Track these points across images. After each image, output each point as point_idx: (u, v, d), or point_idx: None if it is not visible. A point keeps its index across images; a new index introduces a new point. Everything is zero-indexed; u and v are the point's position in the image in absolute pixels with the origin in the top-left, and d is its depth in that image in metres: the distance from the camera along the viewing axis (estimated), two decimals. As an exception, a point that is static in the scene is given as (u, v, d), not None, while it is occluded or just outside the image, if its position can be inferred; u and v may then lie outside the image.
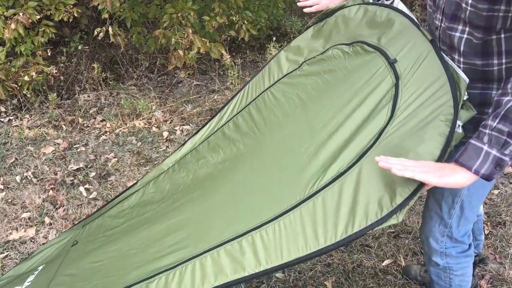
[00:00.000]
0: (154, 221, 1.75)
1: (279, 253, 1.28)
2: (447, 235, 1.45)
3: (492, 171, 1.01)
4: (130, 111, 3.65)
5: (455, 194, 1.39)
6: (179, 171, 1.91)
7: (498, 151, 0.99)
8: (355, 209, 1.19)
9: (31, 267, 1.94)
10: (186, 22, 3.59)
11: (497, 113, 1.00)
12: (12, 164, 3.05)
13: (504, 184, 2.62)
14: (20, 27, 3.24)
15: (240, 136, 1.76)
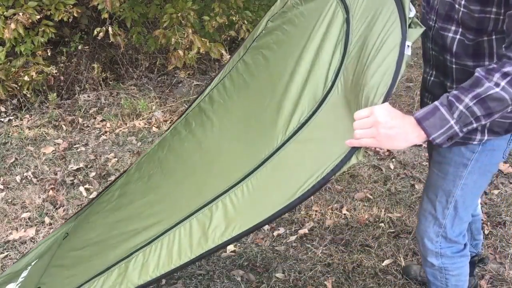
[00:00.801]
0: (131, 200, 1.73)
1: (250, 213, 1.23)
2: (442, 235, 1.46)
3: (444, 143, 1.03)
4: (130, 111, 3.65)
5: (449, 194, 1.39)
6: (157, 150, 1.89)
7: (459, 128, 1.02)
8: (318, 158, 1.16)
9: (26, 263, 1.94)
10: (186, 22, 3.59)
11: (477, 94, 1.00)
12: (12, 164, 3.05)
13: (504, 184, 2.62)
14: (20, 27, 3.24)
15: (211, 105, 1.75)
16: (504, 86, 0.99)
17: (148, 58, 4.44)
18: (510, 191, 2.56)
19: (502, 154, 1.35)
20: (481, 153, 1.31)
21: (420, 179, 2.70)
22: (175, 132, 1.87)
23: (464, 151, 1.31)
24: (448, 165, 1.36)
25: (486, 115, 1.01)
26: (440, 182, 1.40)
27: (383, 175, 2.74)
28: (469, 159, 1.33)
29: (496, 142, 1.30)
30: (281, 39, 1.54)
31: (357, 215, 2.42)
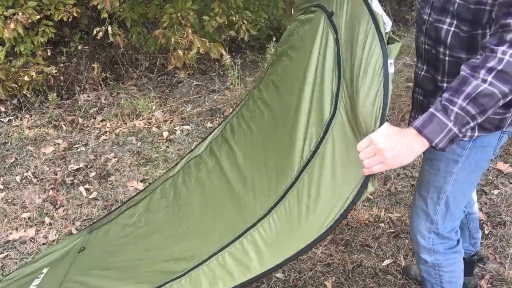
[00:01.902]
0: (161, 229, 1.77)
1: (278, 248, 1.28)
2: (434, 232, 1.47)
3: (447, 146, 1.04)
4: (130, 111, 3.65)
5: (440, 190, 1.40)
6: (183, 176, 1.93)
7: (458, 129, 1.03)
8: (335, 189, 1.20)
9: (36, 269, 1.94)
10: (185, 22, 3.59)
11: (468, 94, 1.02)
12: (12, 164, 3.05)
13: (504, 184, 2.62)
14: (19, 27, 3.24)
15: (233, 135, 1.79)
16: (491, 81, 1.00)
17: (148, 58, 4.44)
18: (510, 191, 2.56)
19: (493, 150, 1.36)
20: (471, 149, 1.32)
21: (420, 179, 2.70)
22: (200, 161, 1.91)
23: (455, 147, 1.32)
24: (439, 161, 1.37)
25: (481, 112, 1.03)
26: (431, 178, 1.41)
27: (383, 175, 2.74)
28: (460, 156, 1.34)
29: (486, 139, 1.31)
30: (286, 65, 1.57)
31: (357, 215, 2.42)
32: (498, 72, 1.00)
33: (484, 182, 2.64)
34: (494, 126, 1.27)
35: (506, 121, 1.27)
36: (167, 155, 3.11)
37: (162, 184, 2.01)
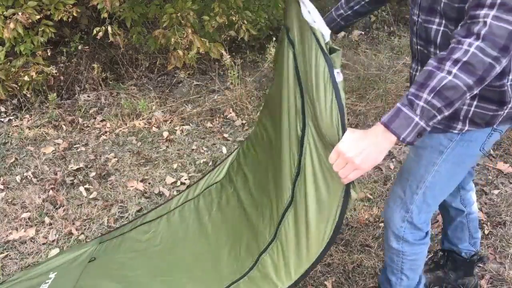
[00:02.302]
0: (180, 251, 1.84)
1: (288, 271, 1.37)
2: (407, 220, 1.47)
3: (415, 139, 1.05)
4: (130, 111, 3.65)
5: (420, 179, 1.40)
6: (205, 202, 2.02)
7: (425, 123, 1.04)
8: (323, 203, 1.25)
9: (41, 272, 1.95)
10: (185, 22, 3.59)
11: (433, 88, 1.02)
12: (12, 164, 3.05)
13: (504, 184, 2.62)
14: (19, 27, 3.24)
15: (245, 159, 1.88)
16: (455, 73, 1.01)
17: (148, 58, 4.44)
18: (510, 191, 2.56)
19: (480, 146, 1.35)
20: (458, 142, 1.32)
21: (420, 179, 2.70)
22: (222, 188, 1.97)
23: (443, 138, 1.32)
24: (424, 149, 1.37)
25: (447, 105, 1.03)
26: (413, 165, 1.41)
27: (383, 175, 2.74)
28: (446, 147, 1.34)
29: (475, 133, 1.31)
30: (275, 82, 1.61)
31: (357, 215, 2.42)
32: (463, 64, 1.00)
33: (484, 182, 2.64)
34: (485, 122, 1.27)
35: (497, 118, 1.27)
36: (167, 155, 3.11)
37: (181, 207, 2.07)
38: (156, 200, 2.64)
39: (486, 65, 1.00)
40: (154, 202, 2.61)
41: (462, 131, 1.29)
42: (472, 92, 1.03)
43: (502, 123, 1.29)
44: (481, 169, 2.77)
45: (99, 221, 2.49)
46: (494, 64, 1.00)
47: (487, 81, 1.02)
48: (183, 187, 2.75)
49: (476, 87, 1.02)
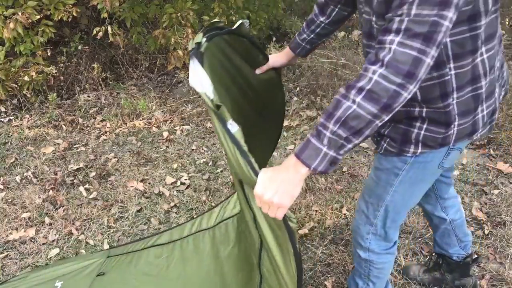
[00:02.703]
0: (190, 285, 1.89)
1: None
2: (372, 233, 1.50)
3: (327, 168, 1.05)
4: (130, 111, 3.65)
5: (380, 198, 1.43)
6: (220, 235, 2.08)
7: (335, 152, 1.03)
8: (278, 240, 1.26)
9: (47, 279, 1.97)
10: (185, 22, 3.59)
11: (338, 118, 1.01)
12: (12, 164, 3.05)
13: (504, 184, 2.62)
14: (19, 27, 3.24)
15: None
16: (359, 102, 0.99)
17: (148, 58, 4.44)
18: (510, 191, 2.56)
19: (438, 165, 1.35)
20: (412, 164, 1.33)
21: (420, 179, 2.70)
22: (237, 223, 2.05)
23: (396, 160, 1.33)
24: (381, 171, 1.39)
25: (354, 134, 1.02)
26: (373, 185, 1.44)
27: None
28: (401, 169, 1.35)
29: (430, 155, 1.31)
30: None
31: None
32: (367, 92, 0.99)
33: (484, 182, 2.64)
34: (438, 144, 1.26)
35: (449, 138, 1.25)
36: (167, 155, 3.11)
37: (195, 235, 2.11)
38: (156, 200, 2.65)
39: (390, 92, 0.98)
40: (154, 202, 2.61)
41: (416, 153, 1.29)
42: (382, 119, 1.01)
43: (457, 141, 1.27)
44: (481, 169, 2.77)
45: (99, 221, 2.49)
46: (400, 91, 0.98)
47: (394, 108, 1.00)
48: (183, 187, 2.75)
49: (384, 115, 1.01)
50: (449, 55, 1.14)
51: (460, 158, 2.88)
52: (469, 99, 1.20)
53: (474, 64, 1.16)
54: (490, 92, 1.25)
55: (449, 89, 1.18)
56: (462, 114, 1.21)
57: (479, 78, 1.19)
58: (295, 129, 3.37)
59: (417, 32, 0.96)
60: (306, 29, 1.61)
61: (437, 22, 0.96)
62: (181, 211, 2.54)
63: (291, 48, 1.65)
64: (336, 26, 1.58)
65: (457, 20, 1.06)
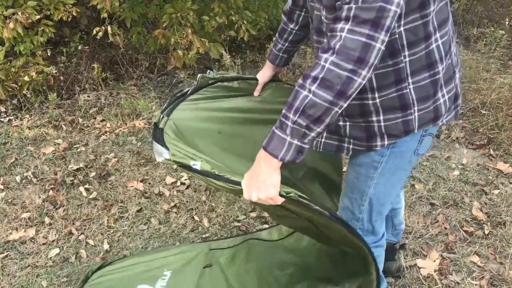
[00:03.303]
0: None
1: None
2: (359, 228, 1.51)
3: (295, 157, 1.09)
4: (130, 111, 3.65)
5: (362, 193, 1.44)
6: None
7: (299, 141, 1.07)
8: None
9: (155, 266, 2.01)
10: (185, 22, 3.59)
11: (297, 108, 1.04)
12: (12, 164, 3.05)
13: (504, 184, 2.62)
14: (19, 27, 3.24)
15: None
16: (314, 91, 1.02)
17: (148, 58, 4.44)
18: (510, 191, 2.56)
19: (414, 152, 1.37)
20: (389, 155, 1.34)
21: (420, 179, 2.70)
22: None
23: (373, 154, 1.35)
24: (360, 167, 1.40)
25: (314, 121, 1.05)
26: (354, 181, 1.45)
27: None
28: (379, 162, 1.36)
29: (405, 144, 1.32)
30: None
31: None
32: (321, 81, 1.01)
33: (484, 182, 2.64)
34: (402, 131, 1.28)
35: (412, 124, 1.27)
36: (167, 155, 3.10)
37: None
38: (156, 200, 2.65)
39: (343, 79, 1.00)
40: (154, 202, 2.61)
41: (384, 145, 1.31)
42: (341, 106, 1.04)
43: (421, 127, 1.28)
44: (481, 169, 2.77)
45: (99, 221, 2.49)
46: (352, 77, 1.00)
47: (350, 94, 1.02)
48: (183, 187, 2.75)
49: (341, 101, 1.03)
50: (403, 44, 1.16)
51: (461, 157, 2.88)
52: (428, 84, 1.23)
53: (428, 50, 1.19)
54: (448, 77, 1.27)
55: (403, 75, 1.21)
56: (422, 99, 1.24)
57: (435, 64, 1.21)
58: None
59: (365, 19, 0.99)
60: (279, 39, 1.63)
61: (384, 7, 0.99)
62: (181, 211, 2.54)
63: (270, 61, 1.67)
64: (307, 30, 1.60)
65: (410, 8, 1.10)
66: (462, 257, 2.13)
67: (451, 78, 1.28)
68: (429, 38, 1.17)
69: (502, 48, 4.14)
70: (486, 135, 3.06)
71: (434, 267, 2.05)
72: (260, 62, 4.42)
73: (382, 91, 1.24)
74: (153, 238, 2.36)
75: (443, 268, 2.07)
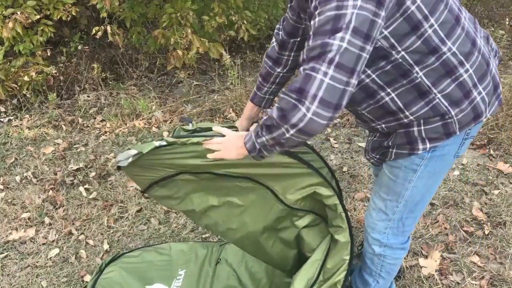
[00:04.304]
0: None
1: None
2: (390, 227, 1.52)
3: (260, 156, 1.28)
4: (130, 111, 3.64)
5: (399, 195, 1.44)
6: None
7: (264, 150, 1.25)
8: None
9: (170, 266, 2.04)
10: (185, 22, 3.58)
11: (273, 138, 1.17)
12: (12, 164, 3.05)
13: (504, 184, 2.62)
14: (18, 26, 3.24)
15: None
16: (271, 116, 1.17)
17: (148, 58, 4.44)
18: (510, 191, 2.56)
19: (454, 155, 1.37)
20: (430, 159, 1.34)
21: (420, 179, 2.70)
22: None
23: (414, 158, 1.34)
24: (399, 169, 1.40)
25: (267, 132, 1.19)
26: (390, 183, 1.44)
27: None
28: (418, 165, 1.36)
29: (446, 148, 1.32)
30: None
31: (357, 215, 2.42)
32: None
33: (484, 182, 2.64)
34: (444, 134, 1.28)
35: (453, 127, 1.27)
36: (167, 155, 3.10)
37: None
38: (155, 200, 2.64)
39: (290, 106, 1.12)
40: (154, 202, 2.61)
41: (426, 149, 1.31)
42: (289, 133, 1.12)
43: (463, 128, 1.28)
44: (481, 169, 2.77)
45: (99, 221, 2.49)
46: (297, 105, 1.10)
47: (294, 123, 1.09)
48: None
49: (290, 129, 1.12)
50: (410, 63, 1.18)
51: (460, 158, 2.88)
52: (454, 89, 1.22)
53: (442, 60, 1.19)
54: (482, 73, 1.26)
55: (424, 88, 1.22)
56: (454, 103, 1.23)
57: (455, 68, 1.21)
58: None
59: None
60: (264, 82, 1.63)
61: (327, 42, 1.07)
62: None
63: (256, 103, 1.67)
64: (295, 69, 1.61)
65: (401, 34, 1.13)
66: (462, 257, 2.13)
67: (485, 74, 1.27)
68: (436, 51, 1.17)
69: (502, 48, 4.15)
70: (486, 135, 3.06)
71: (435, 267, 2.05)
72: (260, 62, 4.42)
73: (411, 107, 1.25)
74: (153, 238, 2.35)
75: (443, 268, 2.07)
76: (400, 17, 1.11)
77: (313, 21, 1.08)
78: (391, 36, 1.14)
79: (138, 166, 1.52)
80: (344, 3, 1.02)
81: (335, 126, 3.37)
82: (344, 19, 1.02)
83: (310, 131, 1.08)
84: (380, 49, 1.16)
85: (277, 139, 1.15)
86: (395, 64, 1.19)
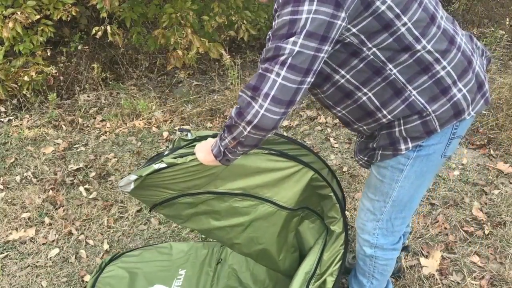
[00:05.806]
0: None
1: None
2: (379, 228, 1.52)
3: (226, 160, 1.32)
4: (130, 111, 3.64)
5: (386, 195, 1.44)
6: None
7: (228, 153, 1.29)
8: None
9: (171, 266, 2.04)
10: (185, 22, 3.58)
11: (234, 138, 1.22)
12: (12, 164, 3.05)
13: (504, 184, 2.62)
14: (18, 26, 3.24)
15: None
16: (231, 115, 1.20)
17: (148, 58, 4.44)
18: (510, 191, 2.56)
19: (441, 155, 1.36)
20: (416, 159, 1.34)
21: (420, 179, 2.70)
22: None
23: (400, 157, 1.35)
24: (385, 169, 1.40)
25: (229, 134, 1.23)
26: (378, 184, 1.45)
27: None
28: (405, 165, 1.36)
29: (432, 147, 1.32)
30: None
31: (357, 215, 2.42)
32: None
33: (484, 182, 2.64)
34: (424, 132, 1.28)
35: (432, 125, 1.26)
36: (167, 155, 3.10)
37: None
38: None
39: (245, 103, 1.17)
40: (154, 202, 2.61)
41: (409, 149, 1.31)
42: (247, 131, 1.17)
43: (445, 125, 1.27)
44: (481, 169, 2.77)
45: (99, 221, 2.49)
46: (251, 102, 1.15)
47: (249, 120, 1.14)
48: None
49: (247, 127, 1.17)
50: (382, 60, 1.19)
51: (461, 156, 2.88)
52: (431, 85, 1.23)
53: (416, 57, 1.19)
54: (462, 70, 1.25)
55: (399, 85, 1.23)
56: (431, 100, 1.24)
57: (431, 66, 1.21)
58: (295, 129, 3.37)
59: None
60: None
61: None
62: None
63: None
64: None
65: (372, 31, 1.14)
66: (462, 257, 2.13)
67: (466, 71, 1.26)
68: (409, 48, 1.18)
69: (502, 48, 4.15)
70: (486, 135, 3.06)
71: (436, 267, 2.05)
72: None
73: (387, 106, 1.26)
74: (153, 238, 2.35)
75: (444, 268, 2.07)
76: (370, 16, 1.12)
77: (274, 23, 1.13)
78: (360, 33, 1.15)
79: (141, 188, 1.52)
80: (300, 8, 1.05)
81: (335, 126, 3.37)
82: (298, 23, 1.06)
83: (265, 126, 1.13)
84: (350, 45, 1.18)
85: (237, 138, 1.20)
86: (367, 61, 1.20)
